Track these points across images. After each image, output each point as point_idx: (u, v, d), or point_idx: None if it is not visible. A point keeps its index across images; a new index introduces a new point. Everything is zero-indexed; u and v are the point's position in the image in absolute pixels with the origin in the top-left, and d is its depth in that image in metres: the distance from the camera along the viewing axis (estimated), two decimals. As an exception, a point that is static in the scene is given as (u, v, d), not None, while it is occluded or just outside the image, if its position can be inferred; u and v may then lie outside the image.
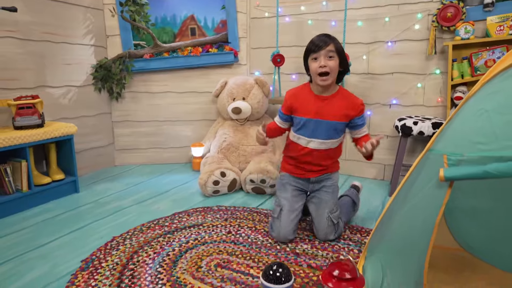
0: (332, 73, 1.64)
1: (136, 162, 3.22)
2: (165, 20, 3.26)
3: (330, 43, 1.62)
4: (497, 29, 2.18)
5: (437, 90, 2.48)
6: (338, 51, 1.65)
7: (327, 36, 1.66)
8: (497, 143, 0.94)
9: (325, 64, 1.61)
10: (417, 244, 1.04)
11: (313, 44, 1.65)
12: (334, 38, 1.67)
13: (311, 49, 1.65)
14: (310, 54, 1.66)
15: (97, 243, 1.77)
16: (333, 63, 1.63)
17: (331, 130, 1.73)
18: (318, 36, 1.67)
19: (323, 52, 1.61)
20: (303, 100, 1.75)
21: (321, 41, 1.62)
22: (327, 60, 1.62)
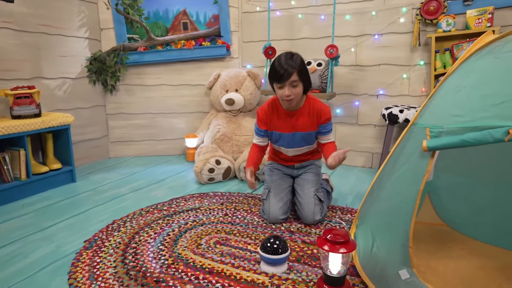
0: (297, 97, 1.69)
1: (130, 154, 3.26)
2: (158, 15, 3.31)
3: (293, 73, 1.62)
4: (476, 22, 2.31)
5: (421, 81, 2.60)
6: (301, 77, 1.66)
7: (291, 59, 1.64)
8: (473, 115, 1.05)
9: (289, 93, 1.65)
10: (403, 209, 1.15)
11: (277, 74, 1.64)
12: (297, 60, 1.65)
13: (276, 77, 1.66)
14: (275, 81, 1.68)
15: (98, 226, 1.83)
16: (297, 90, 1.67)
17: (306, 139, 1.85)
18: (281, 62, 1.64)
19: (288, 82, 1.64)
20: (276, 117, 1.82)
21: (285, 70, 1.61)
22: (291, 88, 1.65)
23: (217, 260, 1.49)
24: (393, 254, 1.17)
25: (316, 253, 1.54)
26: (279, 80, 1.65)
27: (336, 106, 2.92)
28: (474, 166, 1.61)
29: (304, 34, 2.95)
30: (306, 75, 1.71)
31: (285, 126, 1.82)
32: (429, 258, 1.46)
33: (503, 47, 1.08)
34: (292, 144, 1.87)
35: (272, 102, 1.85)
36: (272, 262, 1.38)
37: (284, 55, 1.68)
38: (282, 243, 1.41)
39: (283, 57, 1.67)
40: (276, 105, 1.83)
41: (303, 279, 1.35)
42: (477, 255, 1.48)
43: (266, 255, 1.38)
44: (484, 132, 0.99)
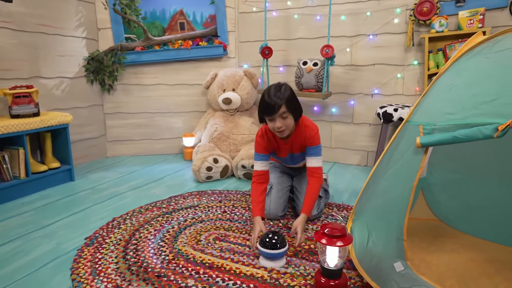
0: (288, 128, 1.69)
1: (127, 153, 3.28)
2: (155, 15, 3.33)
3: (282, 105, 1.61)
4: (467, 23, 2.36)
5: (415, 80, 2.66)
6: (290, 108, 1.65)
7: (279, 91, 1.64)
8: (464, 112, 1.09)
9: (280, 125, 1.65)
10: (398, 204, 1.19)
11: (266, 107, 1.64)
12: (285, 92, 1.64)
13: (266, 110, 1.65)
14: (265, 115, 1.67)
15: (98, 223, 1.85)
16: (288, 121, 1.66)
17: (301, 157, 1.88)
18: (273, 93, 1.63)
19: (277, 115, 1.63)
20: (273, 144, 1.84)
21: (274, 103, 1.61)
22: (281, 120, 1.64)
23: (216, 255, 1.52)
24: (388, 247, 1.21)
25: (313, 248, 1.58)
26: (269, 114, 1.64)
27: (332, 105, 2.97)
28: (466, 164, 1.66)
29: (300, 34, 2.99)
30: (295, 105, 1.69)
31: (283, 151, 1.86)
32: (423, 252, 1.50)
33: (492, 48, 1.12)
34: (289, 162, 1.96)
35: (267, 130, 1.82)
36: (271, 256, 1.42)
37: (273, 88, 1.67)
38: (280, 238, 1.44)
39: (272, 89, 1.66)
40: (272, 134, 1.81)
41: (301, 272, 1.39)
42: (469, 249, 1.53)
43: (265, 250, 1.42)
44: (475, 129, 1.03)
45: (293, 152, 1.85)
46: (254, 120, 3.02)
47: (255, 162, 1.81)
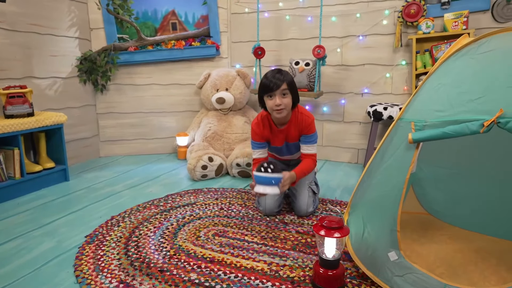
0: (287, 107, 1.75)
1: (121, 153, 3.29)
2: (146, 15, 3.34)
3: (284, 82, 1.71)
4: (453, 25, 2.46)
5: (403, 80, 2.75)
6: (290, 88, 1.74)
7: (280, 73, 1.74)
8: (452, 110, 1.16)
9: (280, 103, 1.71)
10: (391, 197, 1.25)
11: (268, 83, 1.72)
12: (287, 74, 1.76)
13: (266, 88, 1.72)
14: (266, 92, 1.74)
15: (97, 221, 1.87)
16: (287, 100, 1.74)
17: (296, 147, 1.96)
18: (272, 74, 1.74)
19: (278, 91, 1.71)
20: (269, 132, 1.90)
21: (276, 81, 1.70)
22: (281, 98, 1.72)
23: (217, 250, 1.57)
24: (382, 238, 1.27)
25: (310, 242, 1.64)
26: (270, 90, 1.70)
27: (323, 104, 3.04)
28: (454, 159, 1.75)
29: (292, 35, 3.06)
30: (295, 88, 1.77)
31: (278, 139, 1.91)
32: (414, 244, 1.58)
33: (477, 49, 1.20)
34: (285, 153, 2.01)
35: (264, 117, 1.88)
36: (264, 181, 1.52)
37: (272, 70, 1.76)
38: (275, 167, 1.54)
39: (272, 71, 1.75)
40: (268, 121, 1.88)
41: (299, 265, 1.45)
42: (456, 240, 1.61)
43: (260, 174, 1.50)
44: (462, 125, 1.11)
45: (288, 141, 1.90)
46: (247, 119, 3.07)
47: (253, 150, 1.89)
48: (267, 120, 1.88)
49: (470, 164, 1.71)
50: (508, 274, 1.36)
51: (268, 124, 1.88)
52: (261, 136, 1.88)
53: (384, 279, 1.27)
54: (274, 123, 1.87)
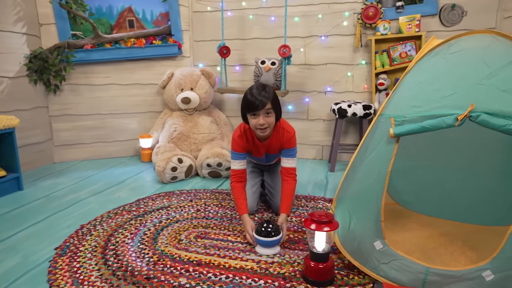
0: (270, 126, 1.72)
1: (77, 157, 3.08)
2: (101, 11, 3.17)
3: (268, 101, 1.66)
4: (407, 27, 2.65)
5: (363, 78, 2.90)
6: (274, 106, 1.69)
7: (264, 90, 1.67)
8: (428, 105, 1.25)
9: (264, 122, 1.67)
10: (375, 189, 1.32)
11: (252, 102, 1.65)
12: (270, 90, 1.69)
13: (251, 107, 1.66)
14: (250, 111, 1.69)
15: (65, 232, 1.74)
16: (271, 119, 1.70)
17: (275, 157, 2.00)
18: (257, 91, 1.66)
19: (262, 111, 1.66)
20: (252, 145, 1.87)
21: (261, 99, 1.64)
22: (265, 117, 1.68)
23: (202, 252, 1.54)
24: (368, 229, 1.34)
25: (293, 238, 1.66)
26: (254, 109, 1.65)
27: (288, 103, 3.10)
28: (419, 152, 1.88)
29: (256, 34, 3.07)
30: (278, 105, 1.74)
31: (258, 152, 1.91)
32: (389, 232, 1.66)
33: (447, 50, 1.31)
34: (264, 161, 2.03)
35: (246, 131, 1.85)
36: (267, 244, 1.49)
37: (256, 87, 1.69)
38: (274, 227, 1.53)
39: (256, 88, 1.69)
40: (251, 134, 1.84)
41: (287, 260, 1.47)
42: (424, 226, 1.74)
43: (261, 238, 1.49)
44: (439, 119, 1.20)
45: (269, 152, 1.91)
46: (213, 119, 3.03)
47: (233, 161, 1.83)
48: (249, 134, 1.84)
49: (432, 156, 1.85)
50: (472, 253, 1.49)
51: (251, 138, 1.85)
52: (243, 148, 1.83)
53: (371, 268, 1.34)
54: (256, 137, 1.85)
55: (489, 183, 1.71)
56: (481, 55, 1.23)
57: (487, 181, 1.72)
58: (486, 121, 1.14)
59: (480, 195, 1.73)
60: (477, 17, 2.61)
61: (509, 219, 1.71)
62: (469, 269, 1.19)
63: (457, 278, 1.20)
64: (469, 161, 1.76)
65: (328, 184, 2.45)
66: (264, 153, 1.91)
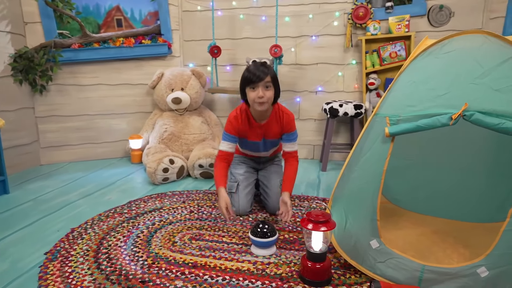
0: (269, 100, 1.73)
1: (65, 159, 3.01)
2: (88, 10, 3.11)
3: (268, 75, 1.69)
4: (396, 27, 2.68)
5: (354, 78, 2.92)
6: (273, 81, 1.73)
7: (264, 66, 1.72)
8: (422, 105, 1.26)
9: (263, 95, 1.68)
10: (371, 188, 1.33)
11: (252, 74, 1.68)
12: (270, 68, 1.74)
13: (250, 79, 1.69)
14: (249, 84, 1.71)
15: (55, 236, 1.70)
16: (270, 93, 1.71)
17: (273, 144, 1.96)
18: (256, 66, 1.71)
19: (261, 83, 1.68)
20: (247, 127, 1.85)
21: (259, 73, 1.68)
22: (264, 90, 1.69)
23: (197, 254, 1.52)
24: (364, 228, 1.34)
25: (288, 238, 1.66)
26: (253, 81, 1.67)
27: (280, 102, 3.09)
28: (410, 151, 1.90)
29: (246, 34, 3.06)
30: (278, 83, 1.76)
31: (255, 135, 1.88)
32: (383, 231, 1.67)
33: (440, 50, 1.32)
34: (260, 149, 1.96)
35: (243, 111, 1.84)
36: (263, 245, 1.48)
37: (255, 63, 1.75)
38: (270, 227, 1.52)
39: (255, 64, 1.73)
40: (248, 115, 1.84)
41: (284, 261, 1.46)
42: (417, 224, 1.76)
43: (257, 238, 1.48)
44: (433, 118, 1.21)
45: (266, 137, 1.88)
46: (204, 119, 3.01)
47: (223, 142, 1.84)
48: (246, 114, 1.84)
49: (423, 154, 1.88)
50: (465, 250, 1.51)
51: (247, 118, 1.84)
52: (237, 130, 1.83)
53: (368, 267, 1.35)
54: (253, 117, 1.83)
55: (479, 181, 1.74)
56: (473, 55, 1.25)
57: (477, 179, 1.75)
58: (479, 120, 1.15)
59: (470, 193, 1.76)
60: (464, 18, 2.66)
61: (499, 216, 1.74)
62: (464, 266, 1.20)
63: (452, 275, 1.22)
64: (459, 159, 1.79)
65: (321, 184, 2.46)
66: (261, 137, 1.88)
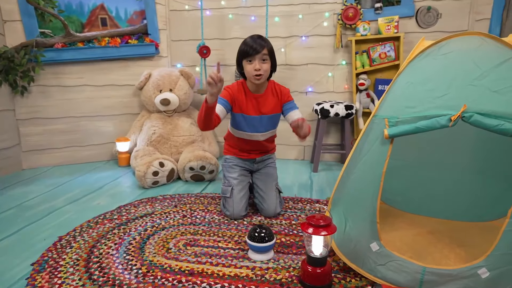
0: (265, 74, 1.76)
1: (49, 163, 2.90)
2: (70, 8, 3.01)
3: (265, 47, 1.72)
4: (386, 28, 2.69)
5: (344, 78, 2.92)
6: (270, 54, 1.76)
7: (261, 38, 1.74)
8: (421, 106, 1.26)
9: (259, 68, 1.72)
10: (370, 190, 1.32)
11: (248, 47, 1.71)
12: (267, 41, 1.76)
13: (246, 52, 1.72)
14: (245, 57, 1.74)
15: (42, 245, 1.62)
16: (267, 66, 1.75)
17: (270, 122, 1.92)
18: (253, 39, 1.74)
19: (258, 56, 1.71)
20: (243, 97, 1.84)
21: (256, 45, 1.70)
22: (261, 63, 1.72)
23: (193, 261, 1.47)
24: (363, 230, 1.33)
25: (285, 241, 1.64)
26: (250, 54, 1.70)
27: (269, 103, 3.07)
28: (404, 151, 1.90)
29: (236, 34, 3.02)
30: (274, 57, 1.80)
31: (252, 108, 1.85)
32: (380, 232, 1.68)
33: (438, 51, 1.32)
34: (257, 129, 1.88)
35: (239, 83, 1.86)
36: (260, 250, 1.45)
37: (253, 36, 1.76)
38: (268, 232, 1.48)
39: (253, 36, 1.75)
40: (244, 87, 1.85)
41: (282, 266, 1.44)
42: (412, 225, 1.76)
43: (255, 243, 1.44)
44: (432, 120, 1.21)
45: (263, 112, 1.86)
46: (193, 120, 2.96)
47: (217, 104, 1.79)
48: (242, 86, 1.85)
49: (416, 155, 1.88)
50: (461, 250, 1.52)
51: (243, 89, 1.85)
52: (231, 96, 1.81)
53: (368, 270, 1.33)
54: (249, 89, 1.85)
55: (472, 181, 1.76)
56: (471, 56, 1.25)
57: (469, 179, 1.77)
58: (478, 121, 1.15)
59: (464, 193, 1.78)
60: (451, 19, 2.70)
61: (492, 215, 1.77)
62: (465, 267, 1.20)
63: (453, 277, 1.22)
64: (452, 159, 1.81)
65: (313, 185, 2.45)
66: (258, 111, 1.85)
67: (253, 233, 1.48)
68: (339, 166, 2.87)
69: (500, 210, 1.75)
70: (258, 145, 1.97)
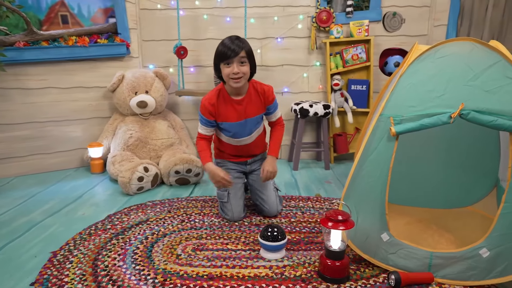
0: (245, 76, 1.70)
1: (10, 174, 2.64)
2: (26, 3, 2.76)
3: (242, 50, 1.65)
4: (357, 31, 2.85)
5: (318, 79, 3.03)
6: (249, 55, 1.69)
7: (239, 40, 1.67)
8: (423, 105, 1.37)
9: (238, 71, 1.65)
10: (379, 184, 1.40)
11: (226, 49, 1.63)
12: (245, 42, 1.70)
13: (223, 55, 1.64)
14: (223, 60, 1.66)
15: (34, 262, 1.48)
16: (245, 69, 1.68)
17: (255, 123, 1.87)
18: (230, 41, 1.66)
19: (236, 58, 1.64)
20: (224, 107, 1.79)
21: (234, 47, 1.63)
22: (239, 66, 1.66)
23: (207, 265, 1.45)
24: (374, 222, 1.42)
25: (292, 238, 1.68)
26: (228, 57, 1.62)
27: (246, 104, 3.09)
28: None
29: (211, 34, 2.99)
30: (253, 58, 1.73)
31: (235, 115, 1.80)
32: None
33: (434, 55, 1.45)
34: (242, 133, 1.85)
35: (217, 91, 1.78)
36: (273, 249, 1.47)
37: (230, 37, 1.69)
38: (280, 230, 1.51)
39: (229, 38, 1.68)
40: (223, 94, 1.78)
41: (298, 262, 1.48)
42: (402, 215, 1.89)
43: (267, 242, 1.46)
44: (435, 117, 1.33)
45: (248, 115, 1.81)
46: (169, 123, 2.88)
47: (200, 125, 1.82)
48: (221, 93, 1.78)
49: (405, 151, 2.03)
50: (450, 235, 1.68)
51: (223, 98, 1.78)
52: (211, 113, 1.77)
53: (380, 259, 1.43)
54: (229, 94, 1.78)
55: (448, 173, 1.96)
56: (465, 59, 1.39)
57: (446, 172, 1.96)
58: (475, 118, 1.29)
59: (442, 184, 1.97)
60: (413, 25, 2.93)
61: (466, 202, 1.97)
62: (468, 249, 1.34)
63: (457, 258, 1.35)
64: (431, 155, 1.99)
65: (298, 183, 2.51)
66: (243, 116, 1.80)
67: (265, 232, 1.50)
68: (316, 164, 2.98)
69: (472, 197, 1.97)
70: (247, 148, 1.95)
